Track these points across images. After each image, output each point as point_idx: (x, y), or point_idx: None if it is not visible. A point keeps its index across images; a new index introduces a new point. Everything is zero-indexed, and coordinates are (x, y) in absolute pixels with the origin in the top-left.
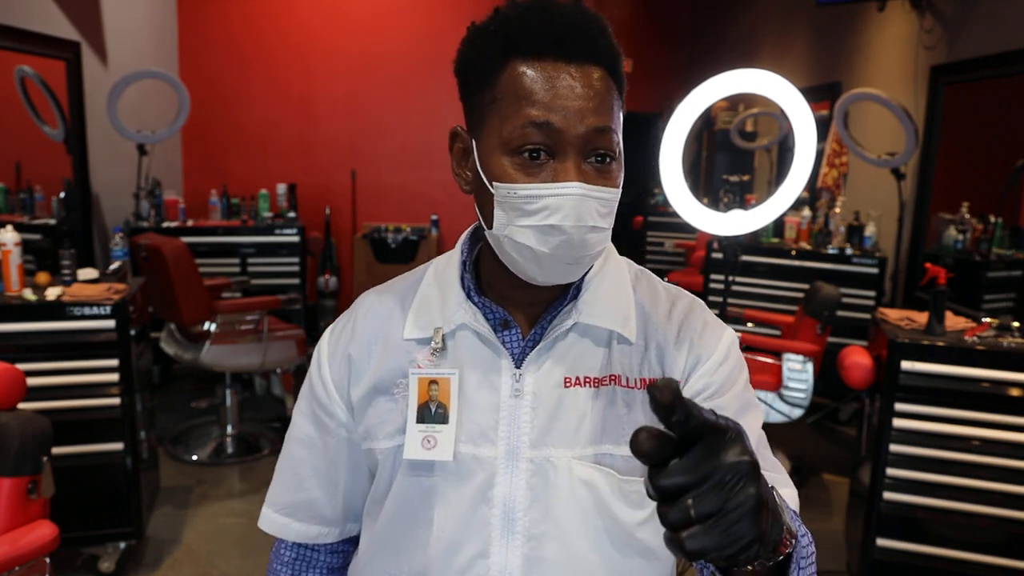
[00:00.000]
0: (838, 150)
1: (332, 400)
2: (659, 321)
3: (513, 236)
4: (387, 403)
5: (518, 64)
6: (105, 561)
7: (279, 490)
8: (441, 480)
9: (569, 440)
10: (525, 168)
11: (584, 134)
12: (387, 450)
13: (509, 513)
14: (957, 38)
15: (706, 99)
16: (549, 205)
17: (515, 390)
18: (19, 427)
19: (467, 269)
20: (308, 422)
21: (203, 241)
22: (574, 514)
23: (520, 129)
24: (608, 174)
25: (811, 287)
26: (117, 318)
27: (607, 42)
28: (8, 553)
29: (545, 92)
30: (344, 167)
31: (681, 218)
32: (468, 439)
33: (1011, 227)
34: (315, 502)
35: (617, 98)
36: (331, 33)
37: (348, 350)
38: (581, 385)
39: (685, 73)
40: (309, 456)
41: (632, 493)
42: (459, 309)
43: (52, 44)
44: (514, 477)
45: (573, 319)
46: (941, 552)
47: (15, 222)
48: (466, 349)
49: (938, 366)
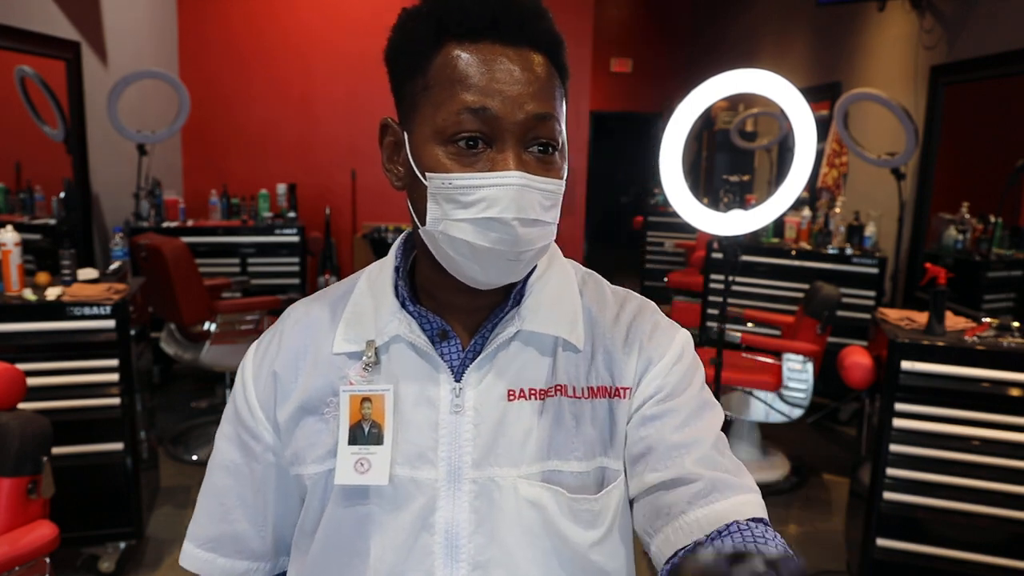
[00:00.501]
0: (838, 150)
1: (258, 422)
2: (607, 325)
3: (448, 231)
4: (316, 424)
5: (452, 47)
6: (105, 561)
7: (202, 522)
8: (377, 507)
9: (514, 458)
10: (460, 157)
11: (523, 121)
12: (317, 475)
13: (452, 540)
14: (957, 38)
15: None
16: (487, 196)
17: (455, 406)
18: (19, 427)
19: (401, 276)
20: (233, 447)
21: (203, 241)
22: (522, 537)
23: (455, 116)
24: (551, 165)
25: (811, 287)
26: (117, 318)
27: (547, 27)
28: (8, 553)
29: (481, 76)
30: (344, 167)
31: (681, 218)
32: (405, 461)
33: (1011, 227)
34: (242, 535)
35: (559, 87)
36: (331, 33)
37: (273, 367)
38: (525, 398)
39: (685, 73)
40: (234, 484)
41: (583, 512)
42: (393, 319)
43: (52, 44)
44: (457, 500)
45: (516, 326)
46: (941, 552)
47: (15, 222)
48: (401, 363)
49: (938, 366)
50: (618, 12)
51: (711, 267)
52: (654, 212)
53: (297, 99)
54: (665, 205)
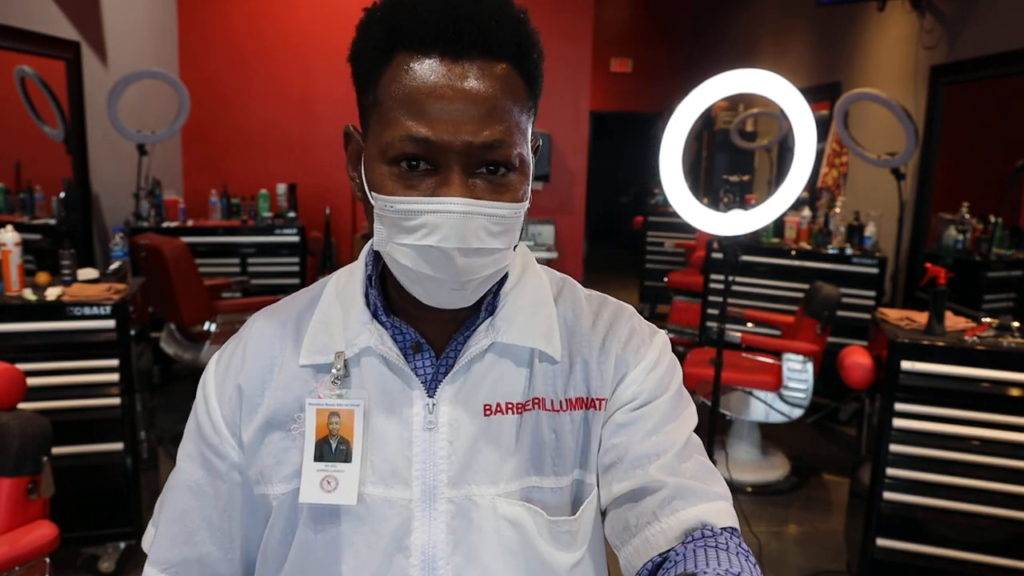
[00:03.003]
0: (838, 150)
1: (222, 439)
2: (583, 333)
3: (393, 255)
4: (283, 440)
5: (401, 61)
6: (105, 561)
7: (164, 545)
8: (349, 528)
9: (492, 475)
10: (403, 179)
11: (466, 148)
12: (283, 495)
13: (429, 562)
14: (957, 38)
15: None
16: (427, 223)
17: (428, 422)
18: (19, 427)
19: (372, 284)
20: (196, 466)
21: (203, 241)
22: (500, 558)
23: (397, 142)
24: (504, 188)
25: (811, 287)
26: (117, 318)
27: (510, 32)
28: (8, 553)
29: (424, 98)
30: (344, 167)
31: (681, 218)
32: (379, 479)
33: (1011, 227)
34: (207, 558)
35: (523, 98)
36: (331, 33)
37: (238, 381)
38: (503, 412)
39: (685, 73)
40: (198, 506)
41: (563, 534)
42: (363, 331)
43: (52, 44)
44: (433, 521)
45: (490, 338)
46: (941, 552)
47: (15, 222)
48: (372, 376)
49: (938, 366)
50: (618, 12)
51: (711, 267)
52: (654, 212)
53: (297, 99)
54: (665, 205)
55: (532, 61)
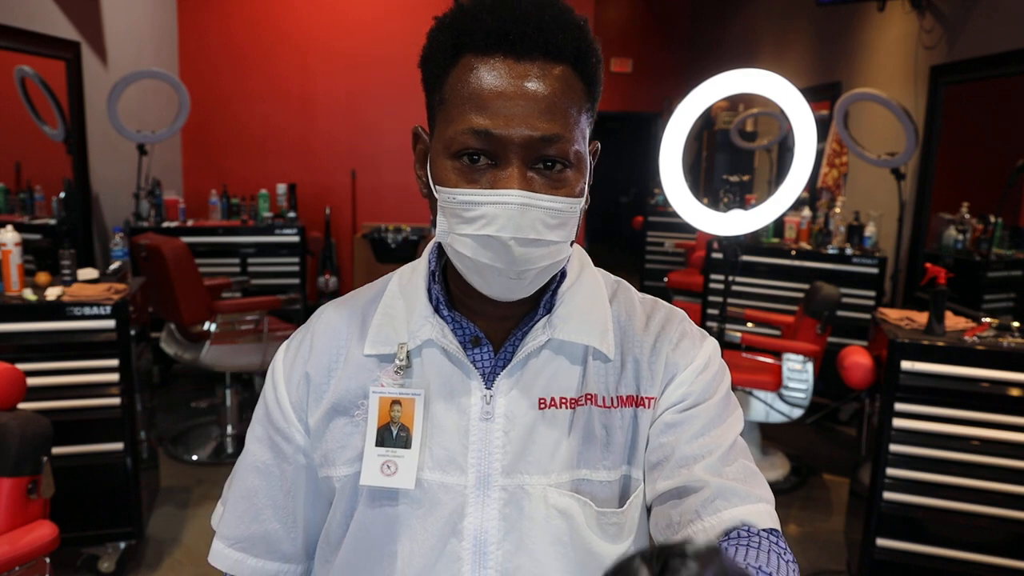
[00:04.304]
0: (838, 150)
1: (290, 423)
2: (636, 334)
3: (453, 244)
4: (347, 426)
5: (466, 62)
6: (105, 561)
7: (232, 522)
8: (406, 510)
9: (545, 466)
10: (465, 173)
11: (527, 141)
12: (345, 477)
13: (481, 546)
14: (957, 38)
15: (706, 99)
16: (486, 214)
17: (485, 413)
18: (19, 427)
19: (435, 280)
20: (264, 448)
21: (203, 241)
22: (549, 546)
23: (460, 135)
24: (560, 182)
25: (811, 287)
26: (117, 318)
27: (569, 36)
28: (8, 553)
29: (487, 95)
30: (344, 167)
31: (681, 218)
32: (436, 465)
33: (1011, 227)
34: (272, 535)
35: (581, 99)
36: (331, 34)
37: (306, 368)
38: (556, 406)
39: (685, 73)
40: (265, 486)
41: (610, 526)
42: (425, 324)
43: (52, 44)
44: (486, 507)
45: (547, 335)
46: (941, 552)
47: (15, 222)
48: (433, 368)
49: (938, 366)
50: (618, 12)
51: (711, 267)
52: (654, 212)
53: (297, 99)
54: (665, 205)
55: (590, 65)
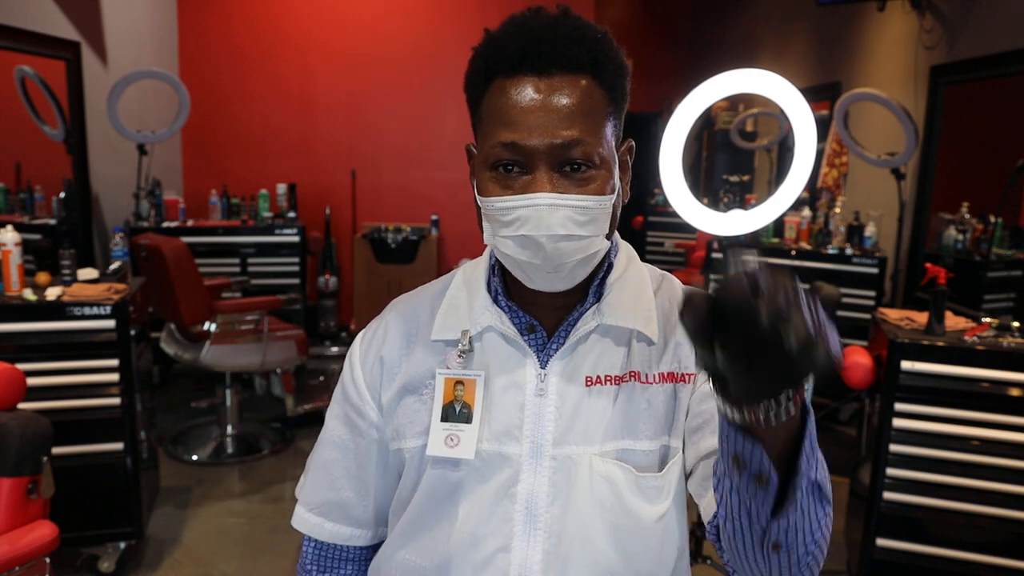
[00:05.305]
0: (838, 150)
1: (364, 402)
2: (677, 320)
3: (498, 246)
4: (416, 403)
5: (498, 85)
6: (105, 561)
7: (312, 489)
8: (467, 475)
9: (590, 437)
10: (501, 182)
11: (550, 148)
12: (414, 449)
13: (532, 509)
14: (957, 38)
15: (706, 99)
16: (520, 216)
17: (539, 390)
18: (19, 427)
19: (495, 273)
20: (341, 424)
21: (203, 241)
22: (593, 509)
23: (493, 149)
24: (587, 182)
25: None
26: (117, 318)
27: (584, 48)
28: (8, 553)
29: (514, 111)
30: (344, 167)
31: (681, 218)
32: (493, 437)
33: (1011, 227)
34: (347, 503)
35: (603, 105)
36: (331, 34)
37: (380, 352)
38: (602, 383)
39: (685, 73)
40: (341, 458)
41: (649, 489)
42: (485, 312)
43: (52, 44)
44: (538, 474)
45: (596, 321)
46: (941, 552)
47: (15, 222)
48: (493, 351)
49: (938, 366)
50: (618, 12)
51: (711, 267)
52: (654, 212)
53: (297, 99)
54: (665, 205)
55: (610, 73)
